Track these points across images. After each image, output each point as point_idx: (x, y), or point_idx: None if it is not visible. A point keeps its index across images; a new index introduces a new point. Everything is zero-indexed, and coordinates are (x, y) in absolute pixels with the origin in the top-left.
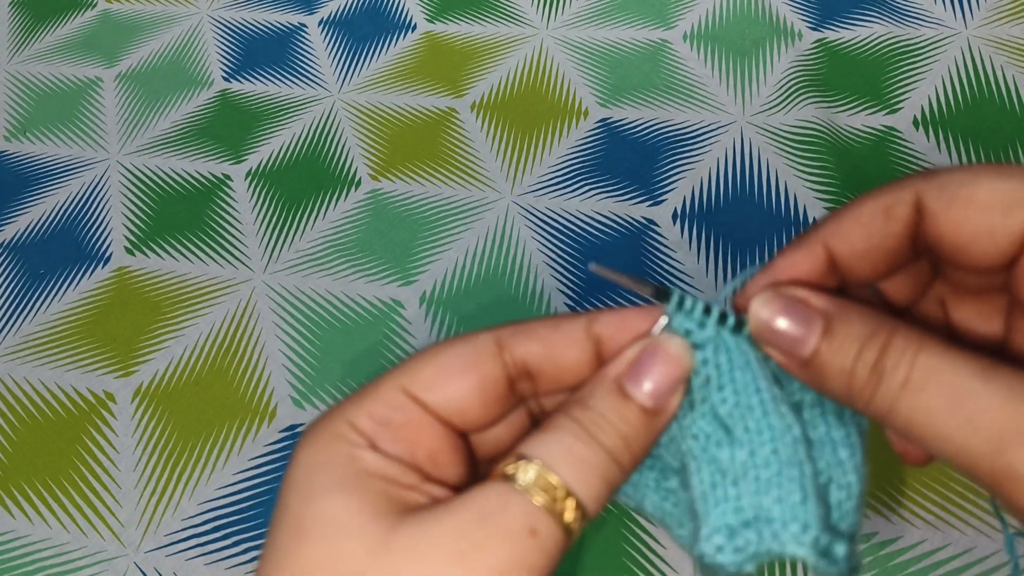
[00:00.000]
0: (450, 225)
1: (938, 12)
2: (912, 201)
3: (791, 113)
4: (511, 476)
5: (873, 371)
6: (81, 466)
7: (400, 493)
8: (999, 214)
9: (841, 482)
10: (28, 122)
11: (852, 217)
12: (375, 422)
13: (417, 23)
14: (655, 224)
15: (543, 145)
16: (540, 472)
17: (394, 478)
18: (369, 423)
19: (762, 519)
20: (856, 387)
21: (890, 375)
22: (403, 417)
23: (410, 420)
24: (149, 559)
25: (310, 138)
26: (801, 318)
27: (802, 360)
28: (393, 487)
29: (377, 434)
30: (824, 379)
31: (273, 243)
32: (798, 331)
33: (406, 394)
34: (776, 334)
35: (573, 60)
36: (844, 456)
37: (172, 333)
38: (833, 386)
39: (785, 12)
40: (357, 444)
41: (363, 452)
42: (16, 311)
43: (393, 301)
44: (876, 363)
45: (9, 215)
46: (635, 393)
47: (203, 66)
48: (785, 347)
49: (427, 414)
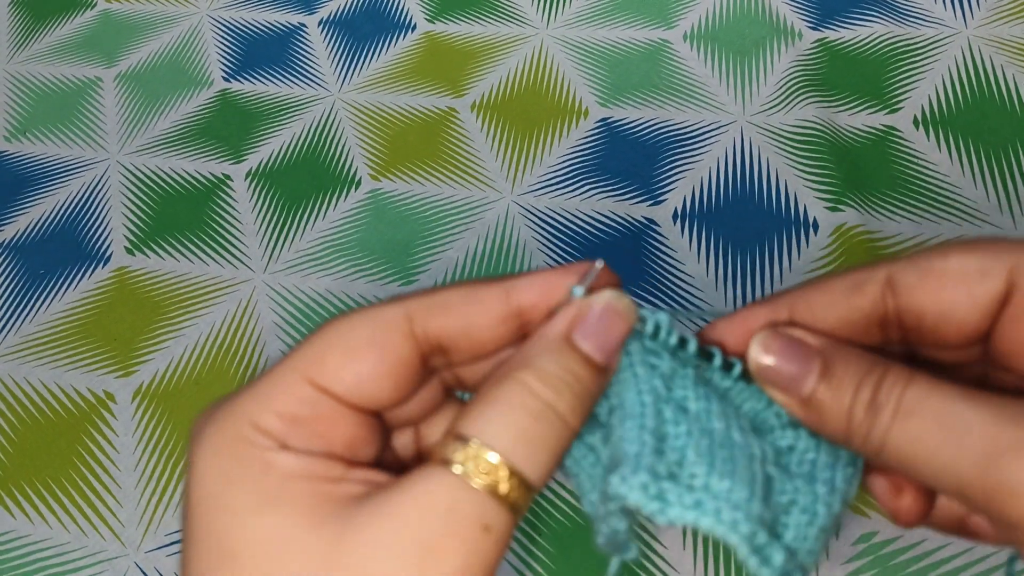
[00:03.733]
0: (450, 225)
1: (938, 12)
2: (883, 278)
3: (791, 113)
4: (450, 460)
5: (869, 408)
6: (81, 466)
7: (329, 489)
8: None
9: (807, 507)
10: (28, 122)
11: (819, 288)
12: (283, 420)
13: (417, 23)
14: (655, 224)
15: (543, 145)
16: (480, 453)
17: (318, 475)
18: (276, 422)
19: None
20: (854, 425)
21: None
22: (313, 411)
23: (321, 413)
24: (150, 559)
25: (310, 138)
26: (799, 357)
27: (800, 399)
28: (320, 485)
29: (287, 433)
30: (823, 417)
31: (273, 243)
32: (796, 370)
33: (313, 386)
34: (775, 373)
35: (573, 60)
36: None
37: (172, 333)
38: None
39: (785, 12)
40: (267, 447)
41: (276, 455)
42: (16, 311)
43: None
44: (871, 400)
45: (9, 215)
46: (585, 347)
47: (203, 66)
48: (784, 386)
49: (338, 404)
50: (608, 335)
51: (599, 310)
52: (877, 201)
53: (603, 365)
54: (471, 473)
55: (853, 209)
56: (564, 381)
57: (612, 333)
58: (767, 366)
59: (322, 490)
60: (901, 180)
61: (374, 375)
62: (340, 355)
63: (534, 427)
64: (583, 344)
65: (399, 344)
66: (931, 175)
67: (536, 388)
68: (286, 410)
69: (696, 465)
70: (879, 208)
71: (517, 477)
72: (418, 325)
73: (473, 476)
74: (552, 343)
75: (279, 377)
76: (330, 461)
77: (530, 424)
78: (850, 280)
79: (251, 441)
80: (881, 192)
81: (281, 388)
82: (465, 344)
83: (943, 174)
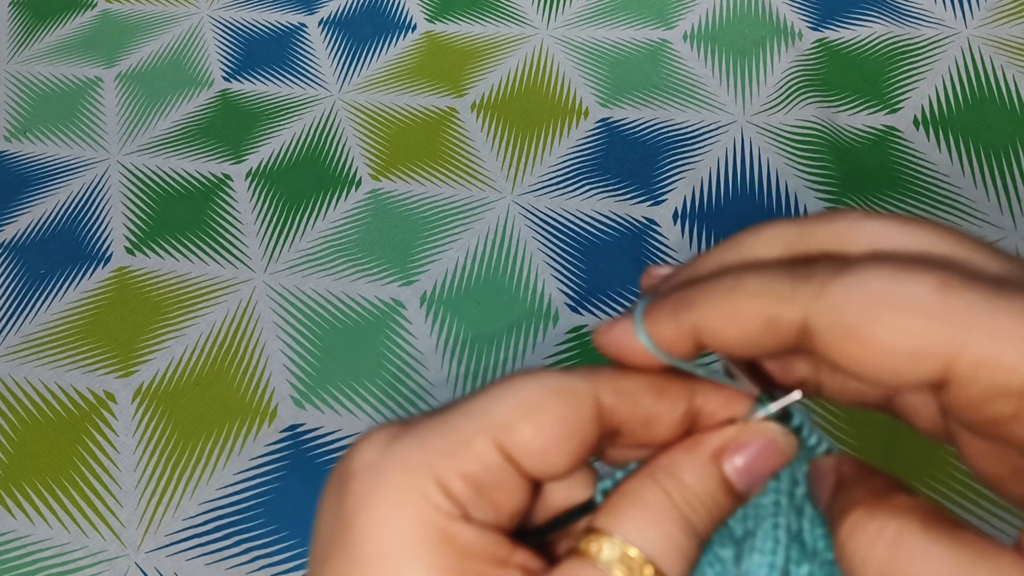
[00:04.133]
0: (450, 225)
1: (938, 12)
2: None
3: (791, 113)
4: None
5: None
6: (82, 466)
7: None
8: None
9: None
10: (28, 122)
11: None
12: (469, 486)
13: (417, 23)
14: (655, 224)
15: (543, 145)
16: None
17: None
18: (463, 488)
19: None
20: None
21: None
22: (496, 479)
23: (502, 482)
24: (150, 559)
25: (310, 138)
26: None
27: None
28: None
29: (471, 501)
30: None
31: (273, 243)
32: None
33: (501, 452)
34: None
35: (573, 60)
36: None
37: (172, 333)
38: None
39: (785, 12)
40: (452, 515)
41: (459, 526)
42: (17, 311)
43: (394, 301)
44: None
45: (9, 215)
46: (728, 469)
47: (203, 66)
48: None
49: (520, 476)
50: (759, 469)
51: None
52: (877, 201)
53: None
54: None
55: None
56: (701, 501)
57: (764, 468)
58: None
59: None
60: (901, 180)
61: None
62: (534, 428)
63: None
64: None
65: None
66: (931, 175)
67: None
68: (473, 474)
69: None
70: (879, 207)
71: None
72: (606, 408)
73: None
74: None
75: (467, 435)
76: (500, 537)
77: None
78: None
79: (437, 506)
80: (881, 192)
81: (470, 449)
82: (640, 433)
83: (943, 174)
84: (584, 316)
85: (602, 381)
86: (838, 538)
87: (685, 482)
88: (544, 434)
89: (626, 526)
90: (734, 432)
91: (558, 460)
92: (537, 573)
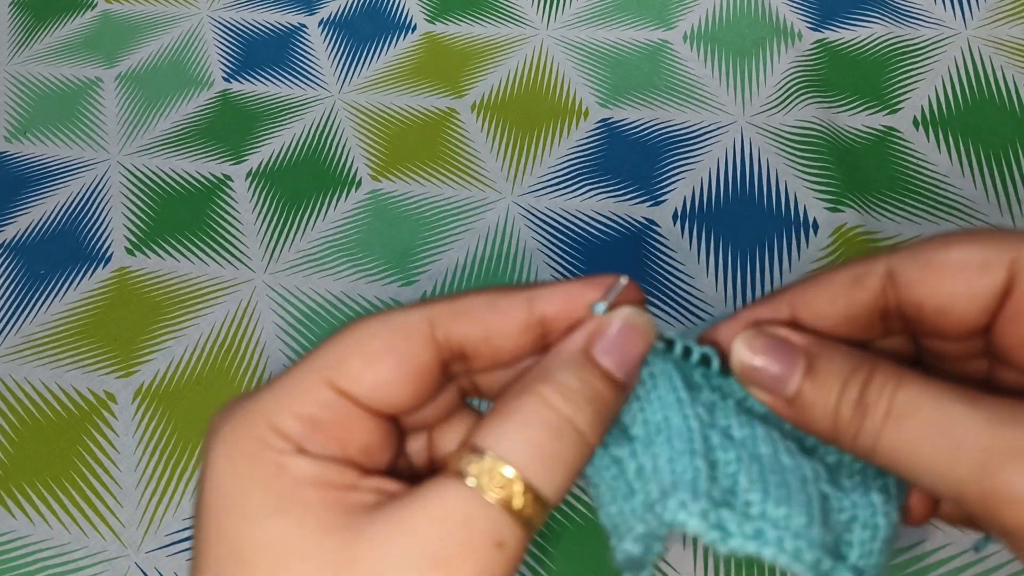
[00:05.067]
0: (450, 225)
1: (938, 12)
2: (883, 272)
3: (791, 113)
4: (465, 473)
5: (857, 407)
6: (82, 466)
7: (342, 497)
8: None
9: (868, 522)
10: (28, 122)
11: (820, 283)
12: (302, 423)
13: (417, 23)
14: (655, 224)
15: (543, 145)
16: (495, 467)
17: (331, 481)
18: (295, 425)
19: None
20: (841, 425)
21: (873, 409)
22: (332, 415)
23: (340, 417)
24: (150, 559)
25: (310, 138)
26: (783, 356)
27: (786, 399)
28: (333, 492)
29: (305, 436)
30: (809, 418)
31: (273, 243)
32: (780, 369)
33: (333, 388)
34: (758, 373)
35: (573, 60)
36: (877, 500)
37: (173, 333)
38: (818, 424)
39: (785, 12)
40: (284, 450)
41: (293, 459)
42: (16, 311)
43: (394, 301)
44: (859, 399)
45: (9, 215)
46: (605, 363)
47: (203, 66)
48: (768, 386)
49: (357, 408)
50: (628, 352)
51: (619, 326)
52: (877, 201)
53: (623, 382)
54: (485, 487)
55: (853, 210)
56: (584, 396)
57: (632, 350)
58: (750, 366)
59: (334, 497)
60: (901, 181)
61: (395, 380)
62: (361, 359)
63: (552, 443)
64: (603, 360)
65: (421, 349)
66: (931, 176)
67: (555, 402)
68: (305, 412)
69: (750, 492)
70: (879, 208)
71: (532, 493)
72: (440, 331)
73: (487, 490)
74: (572, 358)
75: (299, 378)
76: (344, 467)
77: (548, 439)
78: (850, 274)
79: (267, 442)
80: (881, 192)
81: (301, 389)
82: (486, 351)
83: (943, 175)
84: None
85: (434, 306)
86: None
87: (561, 381)
88: (373, 364)
89: (499, 442)
90: (595, 323)
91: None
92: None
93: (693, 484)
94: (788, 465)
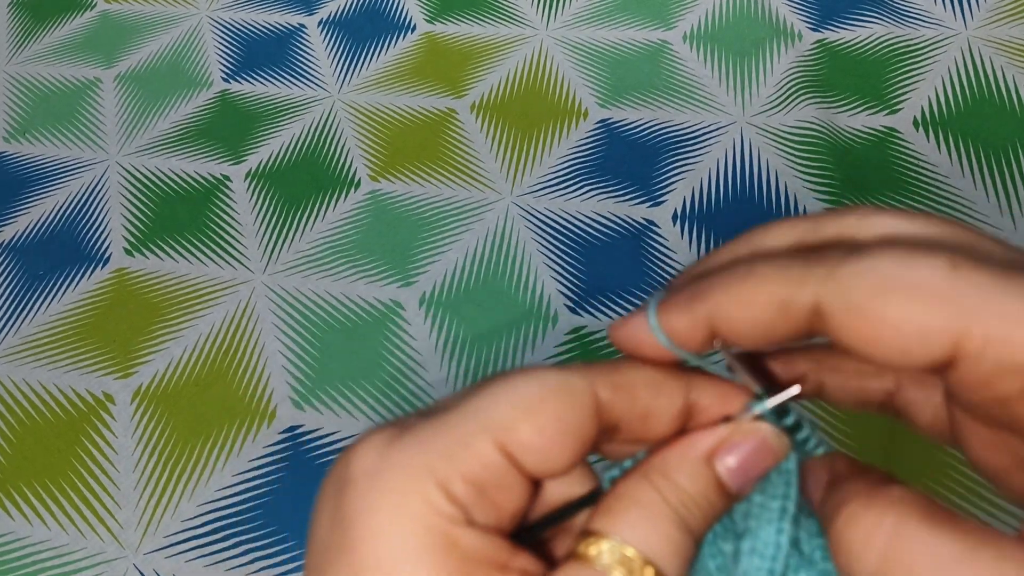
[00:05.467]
0: (450, 226)
1: (938, 12)
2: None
3: (791, 113)
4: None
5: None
6: (80, 467)
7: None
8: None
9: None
10: (28, 123)
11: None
12: (471, 488)
13: (417, 23)
14: (655, 225)
15: (543, 145)
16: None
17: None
18: (465, 490)
19: None
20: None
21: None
22: (497, 480)
23: (504, 482)
24: (148, 561)
25: (310, 139)
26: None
27: None
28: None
29: (473, 504)
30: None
31: (273, 244)
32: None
33: (502, 451)
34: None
35: (573, 60)
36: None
37: (171, 334)
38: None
39: (785, 12)
40: (454, 520)
41: (463, 531)
42: (15, 312)
43: (393, 302)
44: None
45: (9, 216)
46: (721, 469)
47: (203, 67)
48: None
49: (519, 473)
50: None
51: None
52: (877, 201)
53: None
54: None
55: None
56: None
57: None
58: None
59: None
60: (901, 181)
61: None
62: (534, 426)
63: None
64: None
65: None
66: (931, 176)
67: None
68: (474, 475)
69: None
70: None
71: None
72: (603, 404)
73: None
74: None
75: (467, 436)
76: (501, 541)
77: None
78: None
79: (440, 510)
80: (881, 193)
81: (470, 448)
82: (638, 428)
83: (943, 175)
84: (583, 317)
85: (599, 376)
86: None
87: (678, 482)
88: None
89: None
90: (727, 431)
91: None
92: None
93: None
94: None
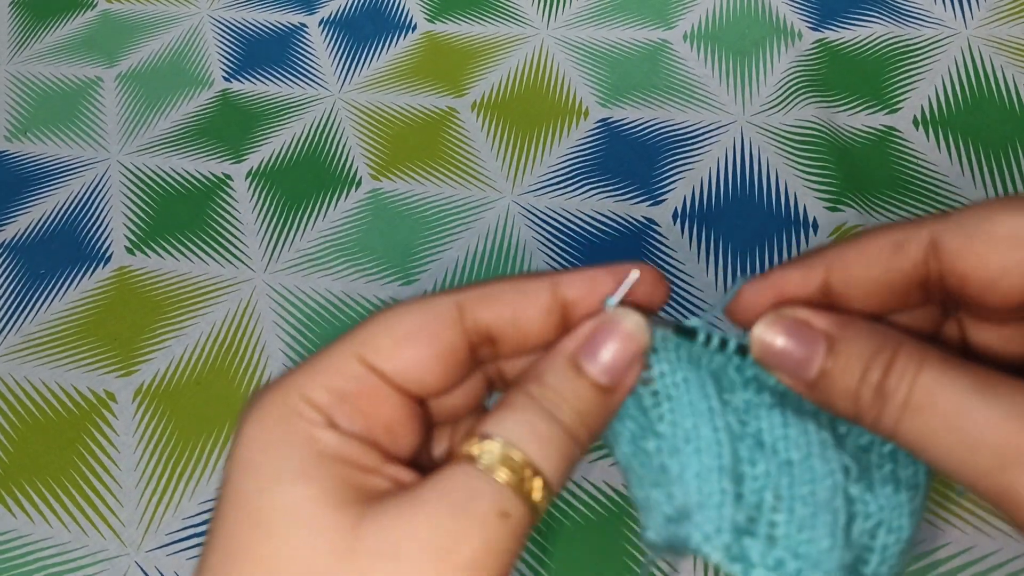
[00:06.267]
0: (450, 225)
1: (938, 12)
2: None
3: (791, 113)
4: (475, 457)
5: (877, 392)
6: (82, 465)
7: (361, 479)
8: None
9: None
10: (28, 122)
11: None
12: (332, 395)
13: (417, 23)
14: (655, 224)
15: (543, 145)
16: (504, 450)
17: (355, 460)
18: (326, 397)
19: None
20: (863, 408)
21: (892, 397)
22: (360, 388)
23: (368, 391)
24: (150, 558)
25: (310, 138)
26: (804, 340)
27: (807, 382)
28: (354, 471)
29: (335, 409)
30: (831, 400)
31: (273, 243)
32: (802, 353)
33: (363, 363)
34: (780, 357)
35: (573, 60)
36: (904, 498)
37: (173, 332)
38: (840, 406)
39: (785, 12)
40: (314, 421)
41: (321, 431)
42: (17, 311)
43: (394, 301)
44: (879, 384)
45: (9, 215)
46: (590, 369)
47: (203, 66)
48: (790, 370)
49: (385, 384)
50: (614, 357)
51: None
52: (877, 201)
53: (609, 387)
54: (493, 467)
55: (853, 209)
56: (567, 401)
57: (618, 355)
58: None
59: (352, 476)
60: (901, 180)
61: (423, 358)
62: (391, 337)
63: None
64: (588, 367)
65: (449, 331)
66: (931, 175)
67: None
68: (335, 385)
69: (776, 511)
70: (879, 208)
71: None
72: (468, 314)
73: (495, 470)
74: (558, 363)
75: (332, 354)
76: (369, 448)
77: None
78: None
79: (300, 413)
80: (881, 192)
81: (333, 364)
82: (512, 335)
83: (943, 174)
84: None
85: (465, 292)
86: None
87: (549, 383)
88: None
89: (503, 428)
90: (587, 329)
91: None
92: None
93: (719, 511)
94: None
